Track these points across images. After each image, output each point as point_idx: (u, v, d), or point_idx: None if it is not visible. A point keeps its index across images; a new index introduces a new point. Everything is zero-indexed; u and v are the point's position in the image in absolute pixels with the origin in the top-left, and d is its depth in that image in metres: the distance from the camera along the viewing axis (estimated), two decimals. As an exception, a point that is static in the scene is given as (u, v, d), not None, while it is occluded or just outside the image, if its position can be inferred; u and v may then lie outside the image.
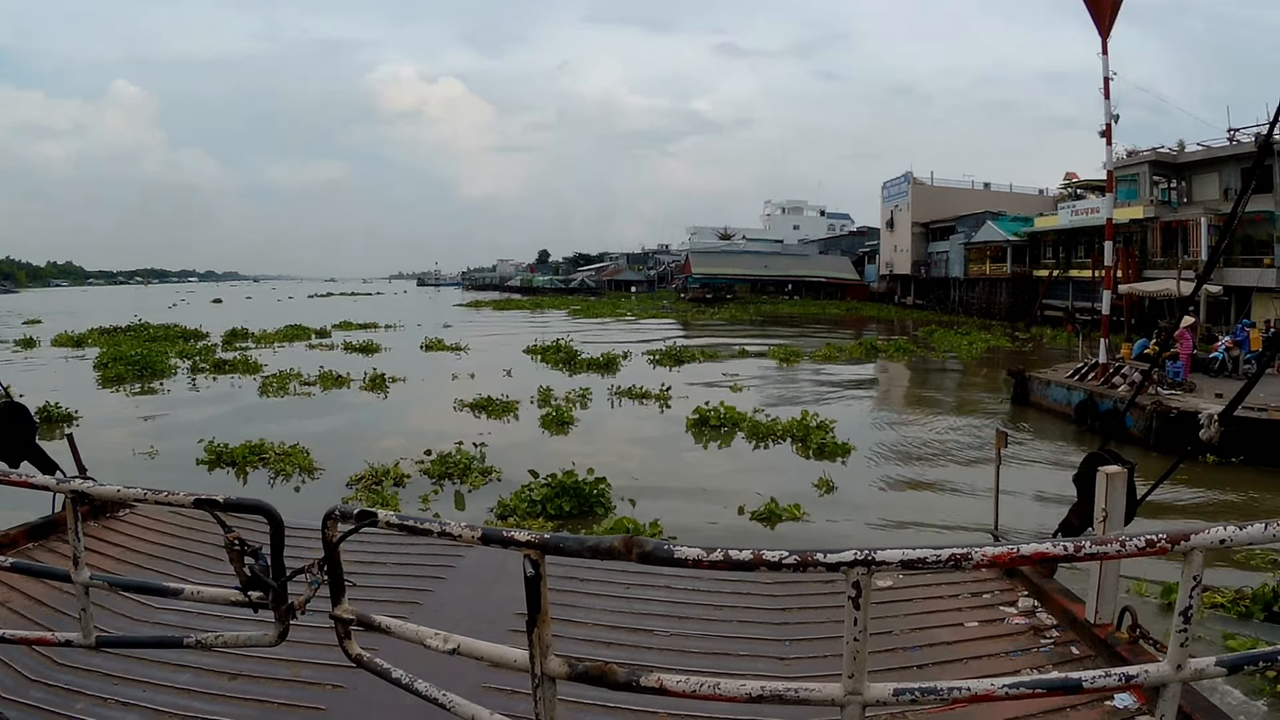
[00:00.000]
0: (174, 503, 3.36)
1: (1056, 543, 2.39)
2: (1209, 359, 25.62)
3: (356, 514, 3.03)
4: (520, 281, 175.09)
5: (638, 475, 17.09)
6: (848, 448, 19.75)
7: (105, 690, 4.57)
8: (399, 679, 3.08)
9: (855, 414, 25.31)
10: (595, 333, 57.11)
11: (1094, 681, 2.42)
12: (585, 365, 36.26)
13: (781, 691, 2.45)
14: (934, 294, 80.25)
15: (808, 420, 21.46)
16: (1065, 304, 58.22)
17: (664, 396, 26.67)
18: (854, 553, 2.31)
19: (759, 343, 47.55)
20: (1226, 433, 5.44)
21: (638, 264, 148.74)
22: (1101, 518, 5.20)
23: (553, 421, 22.30)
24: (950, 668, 5.15)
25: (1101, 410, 22.16)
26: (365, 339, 47.23)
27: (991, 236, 68.54)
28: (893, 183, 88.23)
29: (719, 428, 21.87)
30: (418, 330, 54.93)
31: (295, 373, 31.33)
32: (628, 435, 21.85)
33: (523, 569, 2.60)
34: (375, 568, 6.63)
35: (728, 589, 6.34)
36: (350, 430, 22.15)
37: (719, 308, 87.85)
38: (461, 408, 24.97)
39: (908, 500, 16.16)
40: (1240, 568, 11.52)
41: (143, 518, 7.77)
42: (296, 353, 42.44)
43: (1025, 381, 26.90)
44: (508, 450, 19.04)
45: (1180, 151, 50.56)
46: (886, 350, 42.58)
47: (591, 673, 2.61)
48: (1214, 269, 10.24)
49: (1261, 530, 2.24)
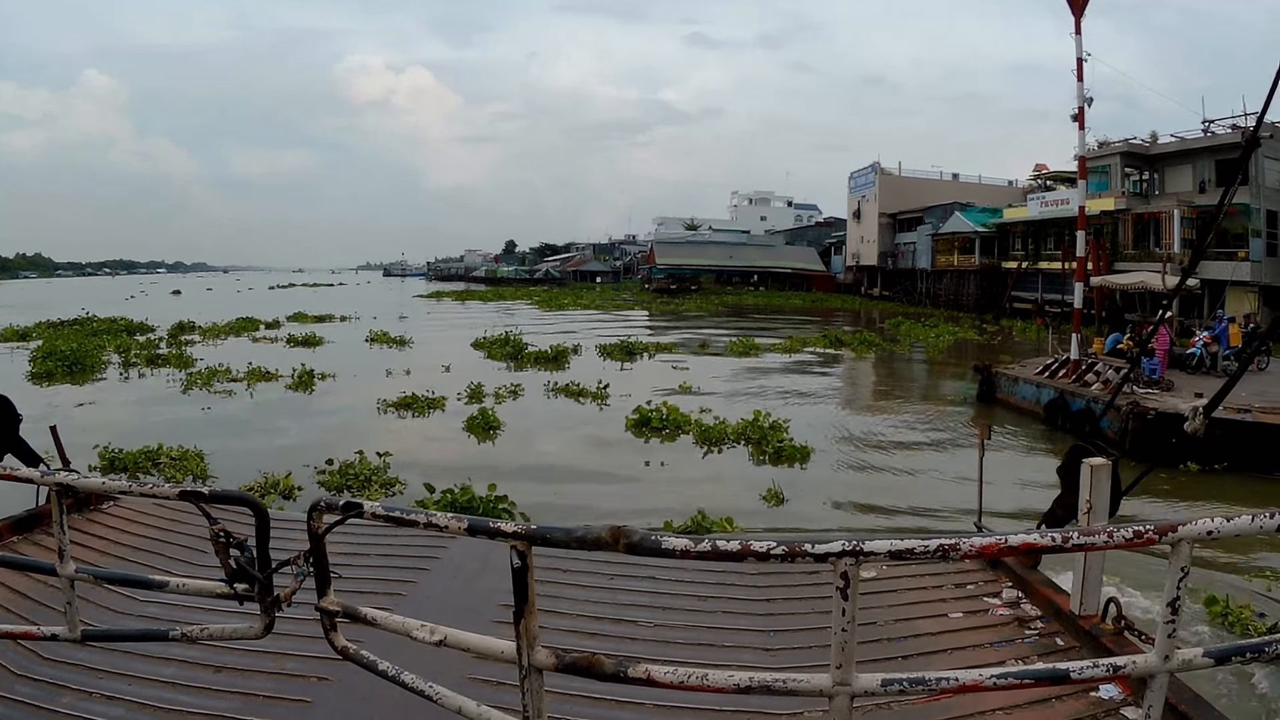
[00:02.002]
0: (158, 494, 3.45)
1: (1044, 534, 2.46)
2: (1186, 355, 24.28)
3: (342, 505, 2.93)
4: (485, 272, 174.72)
5: (558, 489, 15.49)
6: (806, 451, 18.35)
7: (90, 684, 4.55)
8: (385, 671, 3.02)
9: (815, 413, 23.90)
10: (553, 324, 56.09)
11: (1082, 672, 2.46)
12: (532, 359, 34.92)
13: (769, 682, 2.42)
14: (901, 285, 79.81)
15: (761, 420, 19.93)
16: (1035, 296, 57.69)
17: (601, 395, 25.08)
18: (842, 543, 2.28)
19: (720, 335, 46.47)
20: (1209, 438, 5.60)
21: (604, 254, 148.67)
22: (1086, 509, 5.19)
23: (478, 425, 20.52)
24: (935, 658, 5.13)
25: (1073, 410, 21.04)
26: (309, 332, 45.66)
27: (959, 228, 68.15)
28: (860, 173, 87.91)
29: (661, 429, 20.24)
30: (372, 322, 53.30)
31: (224, 368, 29.91)
32: (559, 439, 20.19)
33: (509, 560, 2.53)
34: (359, 559, 6.60)
35: (711, 580, 6.33)
36: (259, 432, 20.59)
37: (683, 299, 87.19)
38: (386, 408, 23.53)
39: (867, 522, 14.55)
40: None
41: (126, 510, 7.70)
42: (238, 346, 40.78)
43: (992, 378, 25.61)
44: (422, 455, 17.73)
45: (1153, 143, 50.14)
46: (851, 343, 41.59)
47: (579, 664, 2.55)
48: (1199, 261, 9.76)
49: (1249, 522, 2.21)
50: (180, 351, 36.09)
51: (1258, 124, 6.68)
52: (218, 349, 38.96)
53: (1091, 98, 23.76)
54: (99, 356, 34.12)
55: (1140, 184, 51.33)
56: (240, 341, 43.56)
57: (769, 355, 37.64)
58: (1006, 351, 38.63)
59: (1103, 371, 21.79)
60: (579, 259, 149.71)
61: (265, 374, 28.80)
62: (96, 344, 38.03)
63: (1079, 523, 5.30)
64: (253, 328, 50.52)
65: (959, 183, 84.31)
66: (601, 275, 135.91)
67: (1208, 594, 10.03)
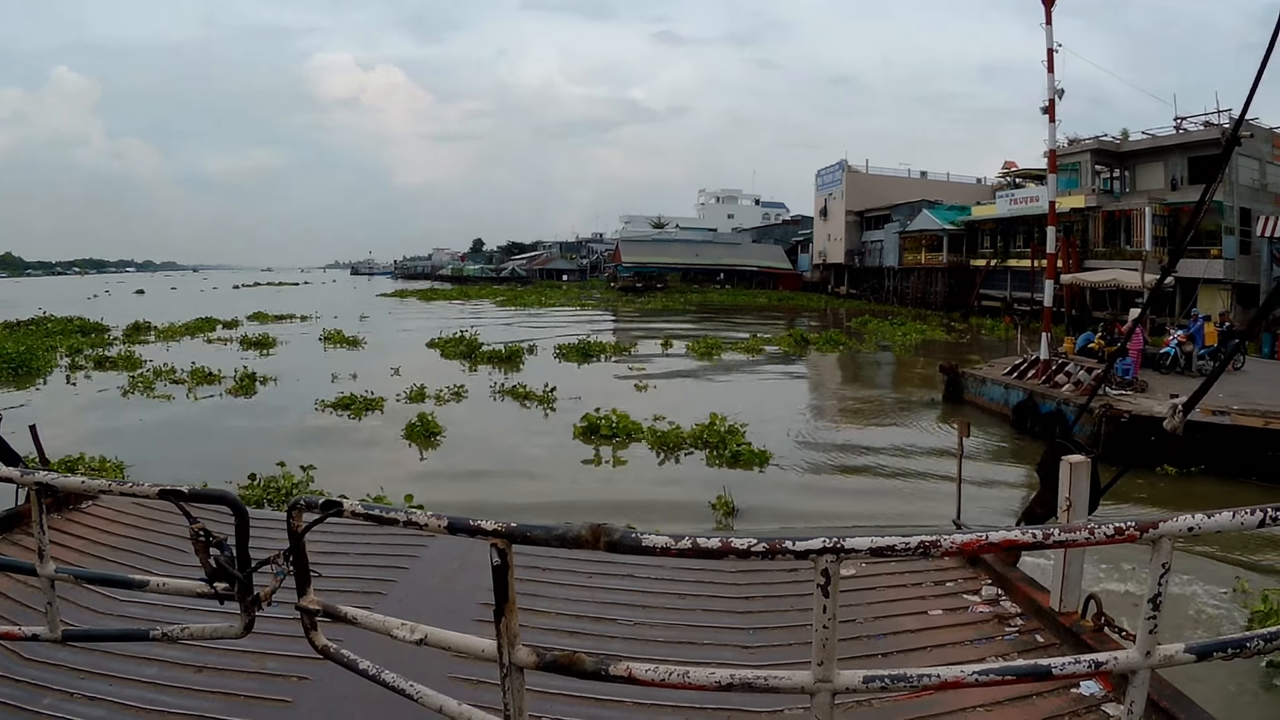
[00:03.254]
0: (138, 494, 3.23)
1: (1025, 530, 2.44)
2: (1159, 355, 23.34)
3: (322, 504, 2.85)
4: (451, 271, 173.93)
5: (486, 505, 14.31)
6: (765, 456, 17.42)
7: (72, 684, 4.48)
8: (366, 670, 2.97)
9: (777, 415, 22.87)
10: (514, 324, 55.26)
11: (1064, 668, 2.43)
12: (486, 359, 33.89)
13: (751, 679, 2.41)
14: (868, 283, 79.29)
15: (718, 425, 18.83)
16: (1003, 294, 57.26)
17: (548, 399, 23.88)
18: (823, 540, 2.27)
19: (684, 334, 45.51)
20: (1186, 441, 6.25)
21: (571, 253, 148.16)
22: (1066, 507, 5.22)
23: (417, 431, 19.25)
24: (916, 655, 5.12)
25: (1043, 412, 20.16)
26: (264, 333, 44.51)
27: (927, 225, 67.55)
28: (827, 171, 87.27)
29: (611, 437, 19.06)
30: (333, 322, 52.20)
31: (169, 369, 28.90)
32: (499, 446, 18.95)
33: (488, 558, 2.52)
34: (338, 558, 6.54)
35: (691, 577, 6.29)
36: (189, 440, 19.35)
37: (649, 297, 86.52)
38: (323, 408, 22.54)
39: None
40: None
41: (106, 509, 7.61)
42: (192, 347, 39.61)
43: (958, 378, 24.65)
44: (352, 463, 16.74)
45: (1124, 140, 49.85)
46: (816, 342, 40.74)
47: (560, 662, 2.53)
48: (1180, 258, 9.39)
49: (1230, 519, 2.22)
50: (130, 353, 34.87)
51: (1237, 124, 6.66)
52: (170, 350, 37.93)
53: (1062, 89, 23.02)
54: (49, 358, 33.22)
55: (1111, 181, 51.04)
56: (195, 343, 42.45)
57: (731, 355, 36.65)
58: (975, 350, 38.16)
59: (1074, 372, 20.87)
60: (545, 257, 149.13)
61: (208, 376, 27.74)
62: (48, 345, 37.26)
63: (1059, 520, 5.30)
64: (209, 328, 49.28)
65: (927, 180, 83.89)
66: (568, 274, 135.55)
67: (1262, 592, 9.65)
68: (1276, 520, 2.20)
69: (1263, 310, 9.96)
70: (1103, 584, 10.20)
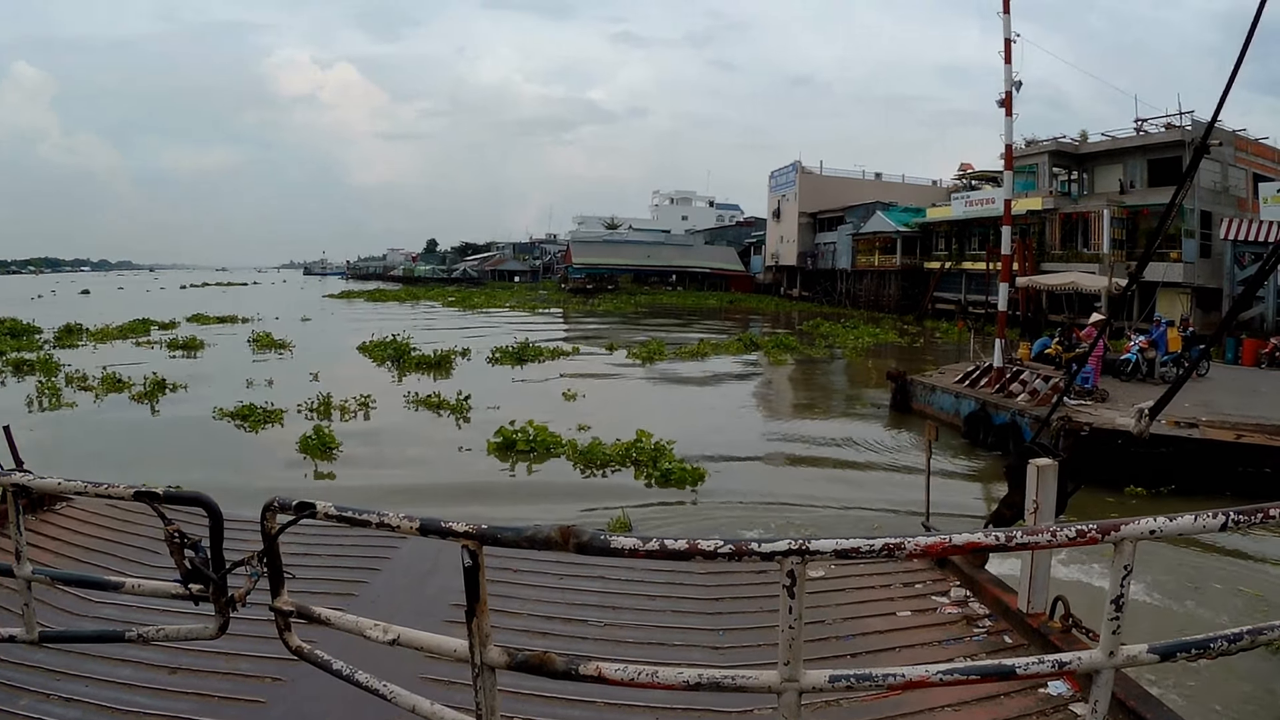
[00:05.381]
0: (113, 495, 3.28)
1: (989, 533, 2.52)
2: (1120, 361, 22.01)
3: (295, 505, 2.91)
4: (403, 271, 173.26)
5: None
6: (699, 473, 15.76)
7: (48, 686, 4.48)
8: (339, 670, 2.99)
9: (716, 425, 21.45)
10: (458, 325, 53.71)
11: (1027, 668, 2.48)
12: (415, 364, 31.98)
13: (719, 679, 2.46)
14: (820, 286, 78.56)
15: (645, 440, 17.17)
16: (958, 297, 56.62)
17: (461, 408, 22.11)
18: (788, 542, 2.32)
19: (629, 337, 44.06)
20: (1154, 457, 7.06)
21: (524, 254, 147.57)
22: (1033, 509, 5.25)
23: (312, 446, 17.34)
24: (883, 656, 5.14)
25: (997, 423, 18.83)
26: (194, 335, 42.34)
27: (881, 227, 66.84)
28: (780, 172, 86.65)
29: (529, 452, 17.35)
30: (274, 324, 50.34)
31: (80, 376, 26.94)
32: (396, 462, 17.18)
33: (460, 560, 2.55)
34: (310, 559, 6.46)
35: (661, 579, 6.29)
36: (71, 456, 17.20)
37: (599, 298, 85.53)
38: (221, 417, 20.75)
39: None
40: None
41: (80, 510, 7.56)
42: (119, 350, 37.53)
43: (906, 386, 23.17)
44: (228, 486, 14.46)
45: (1083, 141, 49.42)
46: (765, 346, 39.27)
47: (531, 662, 2.58)
48: (1149, 261, 8.36)
49: (1191, 521, 2.32)
50: (48, 357, 32.60)
51: (1207, 131, 6.76)
52: (98, 353, 35.88)
53: (1020, 81, 21.82)
54: (-31, 363, 31.22)
55: (1069, 184, 50.61)
56: (126, 345, 40.40)
57: (675, 361, 35.06)
58: (928, 354, 37.29)
59: (1030, 381, 19.54)
60: (498, 258, 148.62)
61: (118, 383, 25.83)
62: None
63: (1025, 522, 5.40)
64: (144, 330, 46.93)
65: (882, 182, 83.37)
66: (520, 274, 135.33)
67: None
68: (1239, 524, 2.32)
69: (1230, 314, 9.43)
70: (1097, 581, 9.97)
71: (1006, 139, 22.58)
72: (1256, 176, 42.52)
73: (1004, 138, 22.58)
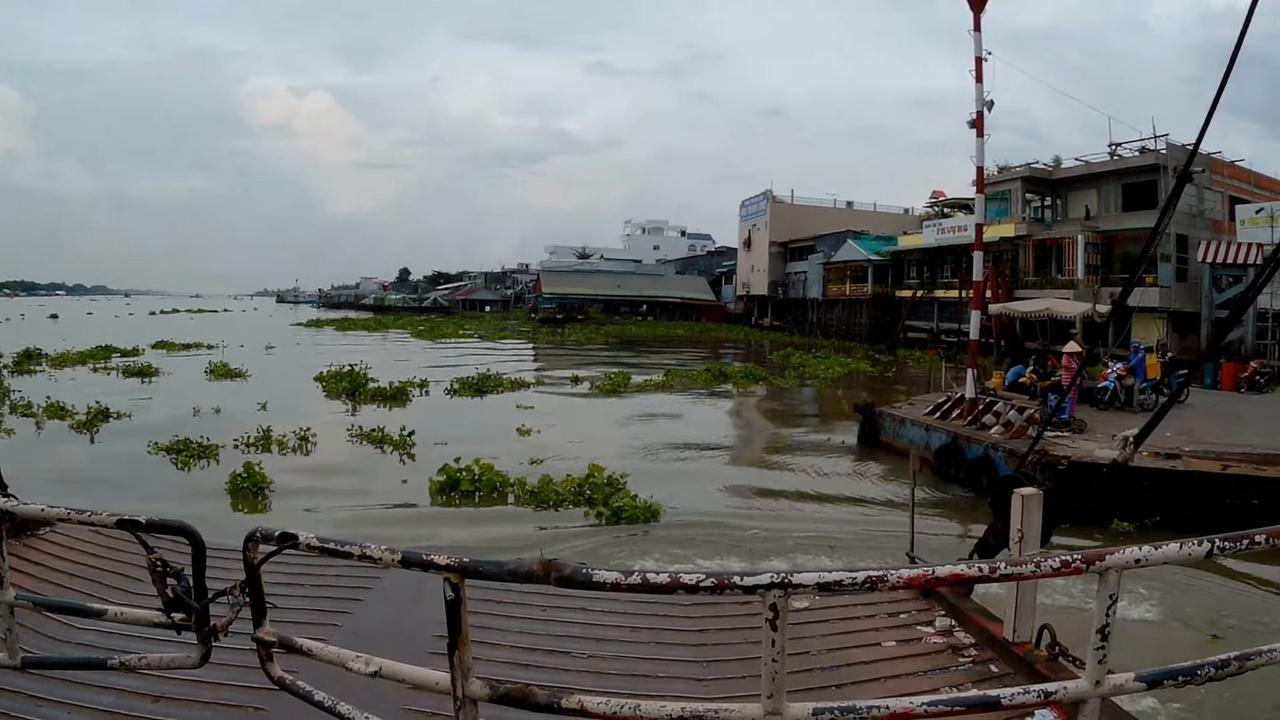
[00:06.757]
0: (96, 523, 3.27)
1: (972, 564, 2.51)
2: (1097, 389, 21.17)
3: (278, 536, 2.93)
4: (374, 300, 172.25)
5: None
6: (655, 509, 14.86)
7: (29, 712, 4.44)
8: (321, 701, 2.99)
9: (677, 460, 20.65)
10: (423, 356, 52.69)
11: (1013, 699, 2.45)
12: (370, 396, 30.75)
13: (701, 712, 2.44)
14: (791, 315, 78.12)
15: (598, 476, 16.17)
16: (930, 325, 56.00)
17: (405, 444, 20.91)
18: (770, 575, 2.32)
19: (596, 368, 43.01)
20: (1135, 491, 7.10)
21: (495, 283, 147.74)
22: (1017, 539, 5.25)
23: (242, 485, 16.12)
24: (868, 687, 5.13)
25: (969, 457, 17.93)
26: (149, 363, 41.28)
27: (852, 256, 66.44)
28: (751, 201, 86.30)
29: (473, 493, 16.22)
30: (239, 352, 49.47)
31: (25, 404, 26.11)
32: (327, 505, 15.82)
33: (442, 592, 2.56)
34: (293, 589, 6.47)
35: (644, 611, 6.24)
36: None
37: (569, 328, 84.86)
38: (156, 451, 19.66)
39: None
40: None
41: (63, 537, 7.48)
42: (76, 377, 36.75)
43: (875, 418, 22.19)
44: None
45: (1056, 167, 49.28)
46: (734, 377, 38.42)
47: (513, 695, 2.58)
48: (1134, 288, 7.72)
49: (1176, 550, 2.29)
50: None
51: (1191, 156, 6.80)
52: (53, 381, 35.08)
53: (992, 101, 21.23)
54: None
55: (1042, 210, 50.35)
56: (83, 372, 39.47)
57: (640, 394, 33.90)
58: (900, 384, 36.55)
59: (1003, 412, 18.62)
60: (469, 288, 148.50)
61: (61, 411, 24.91)
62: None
63: (1010, 552, 5.42)
64: (106, 357, 45.78)
65: (853, 210, 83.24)
66: (491, 304, 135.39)
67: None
68: (1224, 551, 2.33)
69: (1217, 337, 8.91)
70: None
71: (978, 161, 21.83)
72: (1232, 199, 42.47)
73: (975, 159, 21.84)
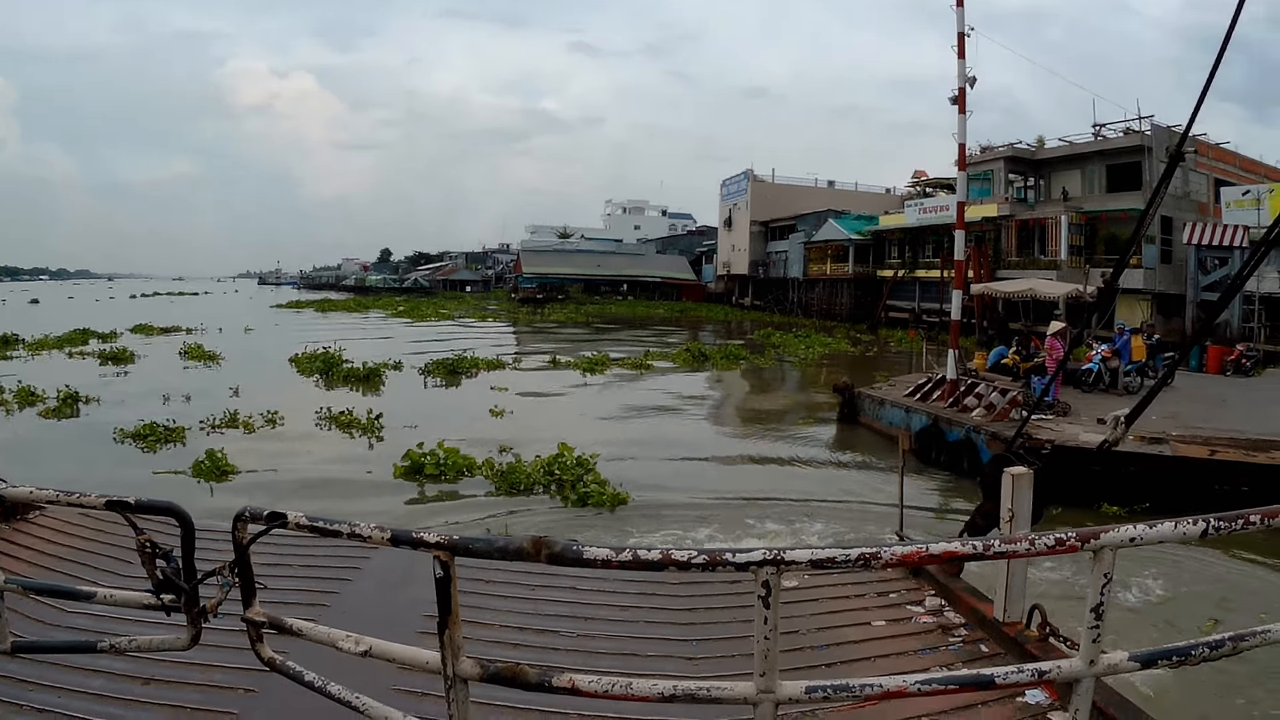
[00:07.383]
0: (85, 504, 3.26)
1: (965, 542, 2.43)
2: (1081, 372, 20.81)
3: (266, 515, 2.90)
4: (355, 281, 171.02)
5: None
6: (622, 497, 14.39)
7: (20, 696, 4.43)
8: (311, 681, 2.97)
9: (650, 442, 20.15)
10: (400, 336, 52.31)
11: (1006, 678, 2.44)
12: (344, 378, 30.36)
13: (694, 691, 2.43)
14: (772, 294, 77.91)
15: (567, 457, 15.78)
16: (911, 305, 55.85)
17: (372, 426, 20.49)
18: (763, 552, 2.30)
19: (574, 347, 42.63)
20: (1121, 476, 7.09)
21: (476, 263, 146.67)
22: (1008, 518, 5.28)
23: (206, 470, 15.80)
24: (858, 666, 5.14)
25: (950, 440, 17.52)
26: (125, 347, 40.38)
27: (833, 235, 65.93)
28: (732, 180, 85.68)
29: (439, 476, 15.79)
30: (217, 335, 49.15)
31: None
32: (293, 491, 15.26)
33: (431, 570, 2.52)
34: (282, 569, 6.35)
35: (633, 590, 6.23)
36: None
37: (549, 308, 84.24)
38: (121, 438, 19.21)
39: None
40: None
41: (52, 519, 7.42)
42: (52, 362, 36.19)
43: (854, 399, 21.88)
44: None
45: (1040, 147, 49.07)
46: (713, 357, 38.00)
47: (504, 674, 2.57)
48: (1124, 270, 7.36)
49: (1171, 529, 2.28)
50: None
51: (1182, 139, 6.84)
52: (29, 365, 34.31)
53: (974, 77, 20.51)
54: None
55: (1025, 190, 50.10)
56: (59, 357, 38.86)
57: (618, 372, 33.61)
58: (881, 364, 36.18)
59: (985, 394, 18.22)
60: (450, 268, 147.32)
61: (32, 396, 24.46)
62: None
63: (1001, 531, 5.42)
64: (83, 341, 45.04)
65: (834, 190, 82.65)
66: (471, 284, 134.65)
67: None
68: (1220, 531, 2.32)
69: (1208, 319, 8.95)
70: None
71: (960, 138, 21.32)
72: (1218, 181, 42.45)
73: (957, 137, 21.35)
